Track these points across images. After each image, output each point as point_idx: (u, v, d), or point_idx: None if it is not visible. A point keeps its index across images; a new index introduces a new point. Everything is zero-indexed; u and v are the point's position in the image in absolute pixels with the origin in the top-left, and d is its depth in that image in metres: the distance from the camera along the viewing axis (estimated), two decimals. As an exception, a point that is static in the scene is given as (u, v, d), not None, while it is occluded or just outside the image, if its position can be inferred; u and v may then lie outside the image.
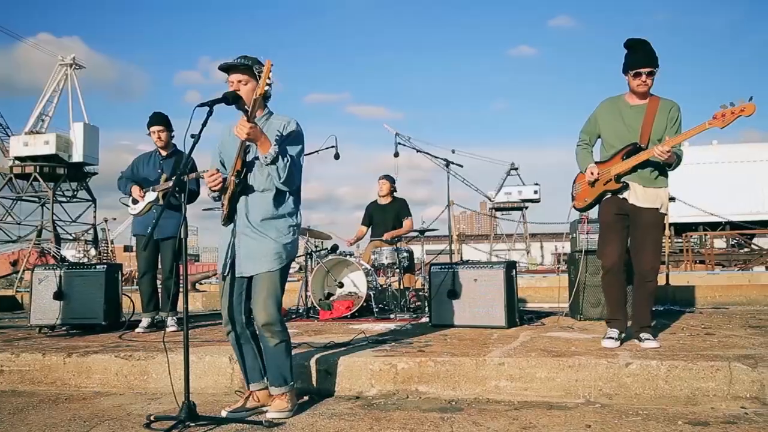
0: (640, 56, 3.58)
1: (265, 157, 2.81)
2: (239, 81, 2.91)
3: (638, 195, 3.66)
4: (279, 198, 2.96)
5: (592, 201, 3.86)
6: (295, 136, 2.99)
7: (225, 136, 3.11)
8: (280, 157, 2.83)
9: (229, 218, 2.99)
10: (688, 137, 3.52)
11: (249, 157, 2.94)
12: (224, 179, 2.95)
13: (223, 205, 3.05)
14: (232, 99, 2.87)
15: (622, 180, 3.67)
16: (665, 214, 3.71)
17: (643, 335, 3.68)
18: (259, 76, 2.87)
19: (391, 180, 7.19)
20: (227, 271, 2.99)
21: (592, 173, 3.76)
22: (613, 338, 3.65)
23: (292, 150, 2.95)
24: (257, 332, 3.01)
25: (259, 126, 2.83)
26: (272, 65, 2.79)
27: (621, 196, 3.70)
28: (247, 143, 2.86)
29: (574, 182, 4.07)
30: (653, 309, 3.87)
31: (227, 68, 2.94)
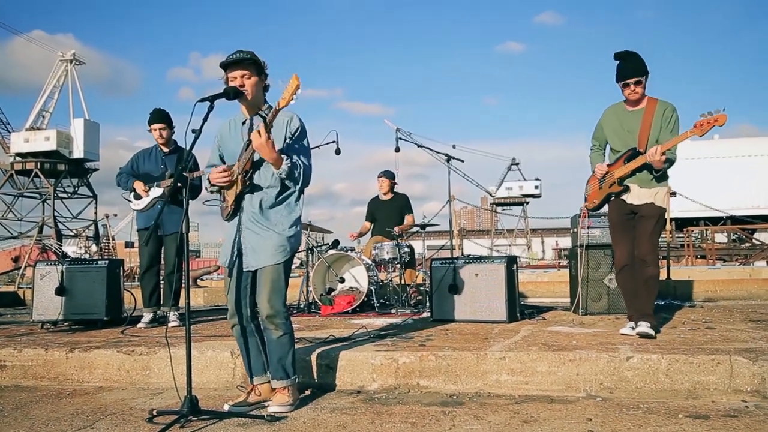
0: (626, 67, 3.82)
1: (280, 174, 2.85)
2: (242, 75, 2.91)
3: (636, 195, 3.91)
4: (283, 192, 2.99)
5: (600, 202, 4.14)
6: (300, 133, 3.01)
7: (224, 131, 3.13)
8: (294, 171, 2.87)
9: (234, 214, 3.01)
10: (674, 144, 3.71)
11: (256, 157, 2.94)
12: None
13: (223, 199, 3.06)
14: (234, 94, 2.86)
15: (624, 183, 3.92)
16: (662, 207, 3.88)
17: (641, 323, 3.78)
18: (263, 68, 2.94)
19: (391, 176, 7.20)
20: (232, 264, 3.01)
21: (599, 169, 4.03)
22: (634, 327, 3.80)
23: (302, 149, 2.99)
24: (261, 325, 3.02)
25: (272, 140, 2.80)
26: (299, 85, 2.69)
27: (622, 198, 3.95)
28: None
29: (587, 183, 4.31)
30: (655, 302, 3.96)
31: (228, 64, 2.92)
